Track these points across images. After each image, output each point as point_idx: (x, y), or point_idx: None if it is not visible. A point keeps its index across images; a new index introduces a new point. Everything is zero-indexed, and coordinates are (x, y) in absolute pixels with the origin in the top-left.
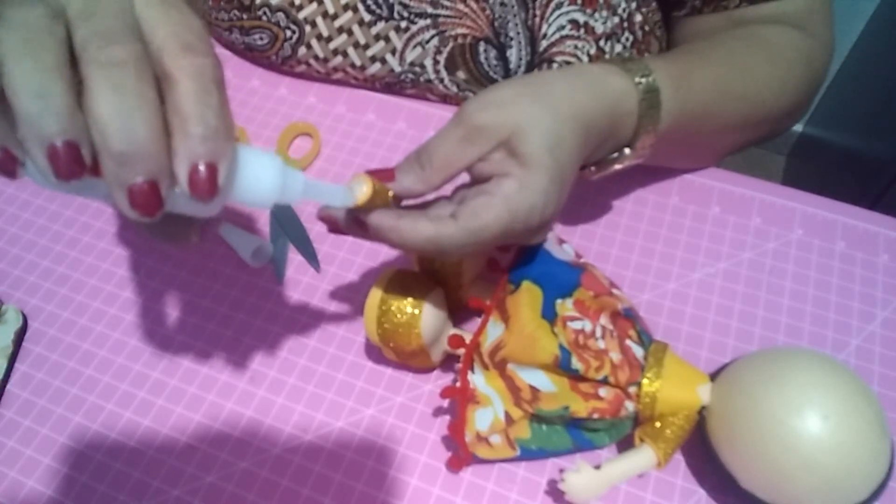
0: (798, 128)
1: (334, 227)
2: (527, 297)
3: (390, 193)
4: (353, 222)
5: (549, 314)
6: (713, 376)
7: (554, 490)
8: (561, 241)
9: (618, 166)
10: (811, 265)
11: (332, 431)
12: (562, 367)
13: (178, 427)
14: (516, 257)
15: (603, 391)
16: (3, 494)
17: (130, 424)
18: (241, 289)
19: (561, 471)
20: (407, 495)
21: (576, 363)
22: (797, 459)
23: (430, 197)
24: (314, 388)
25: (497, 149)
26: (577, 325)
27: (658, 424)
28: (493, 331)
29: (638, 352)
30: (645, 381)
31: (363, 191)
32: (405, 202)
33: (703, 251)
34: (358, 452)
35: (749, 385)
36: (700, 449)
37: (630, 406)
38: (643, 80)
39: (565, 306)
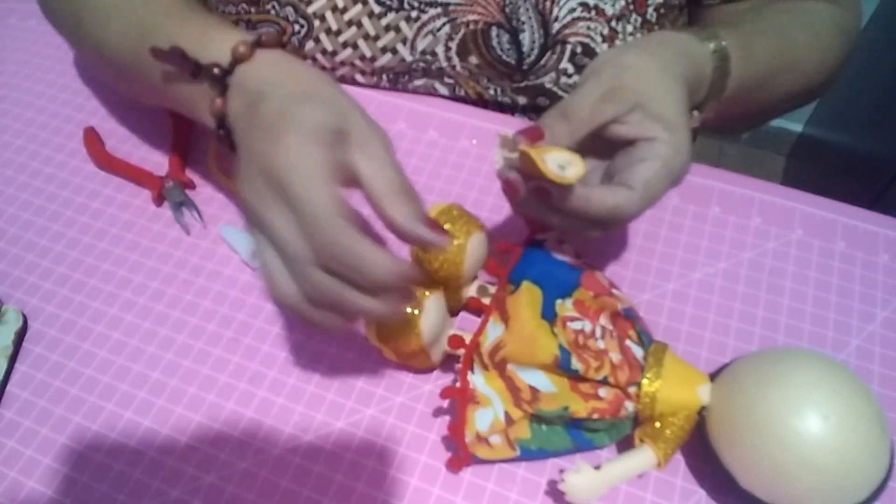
0: (798, 128)
1: (513, 191)
2: (527, 298)
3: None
4: (536, 188)
5: (549, 314)
6: (713, 376)
7: (554, 490)
8: (561, 242)
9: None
10: (811, 265)
11: (332, 431)
12: (561, 367)
13: (178, 427)
14: (516, 258)
15: (603, 391)
16: (3, 494)
17: (130, 425)
18: (241, 289)
19: (561, 471)
20: (407, 495)
21: (575, 363)
22: (797, 459)
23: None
24: (314, 388)
25: (633, 110)
26: (576, 325)
27: (658, 425)
28: (493, 331)
29: (638, 352)
30: (645, 381)
31: (577, 171)
32: None
33: (703, 251)
34: (358, 452)
35: (749, 385)
36: (700, 449)
37: (630, 406)
38: (717, 48)
39: (565, 306)
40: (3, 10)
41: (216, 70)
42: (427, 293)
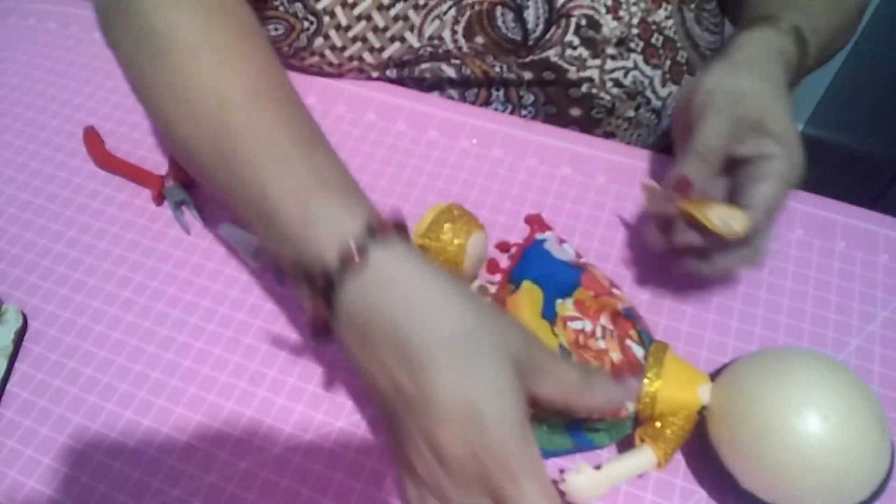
0: (798, 128)
1: (663, 227)
2: (527, 298)
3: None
4: (689, 227)
5: (550, 314)
6: (713, 376)
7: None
8: (561, 241)
9: None
10: (811, 265)
11: (332, 431)
12: None
13: (178, 427)
14: (516, 257)
15: None
16: (3, 494)
17: (130, 424)
18: (241, 289)
19: (561, 471)
20: None
21: (574, 360)
22: (797, 459)
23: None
24: (314, 387)
25: (751, 130)
26: (577, 325)
27: (658, 424)
28: None
29: (638, 352)
30: (645, 381)
31: (743, 224)
32: None
33: None
34: (358, 452)
35: (749, 385)
36: (700, 449)
37: (630, 406)
38: (797, 36)
39: (565, 306)
40: (2, 9)
41: (320, 281)
42: None
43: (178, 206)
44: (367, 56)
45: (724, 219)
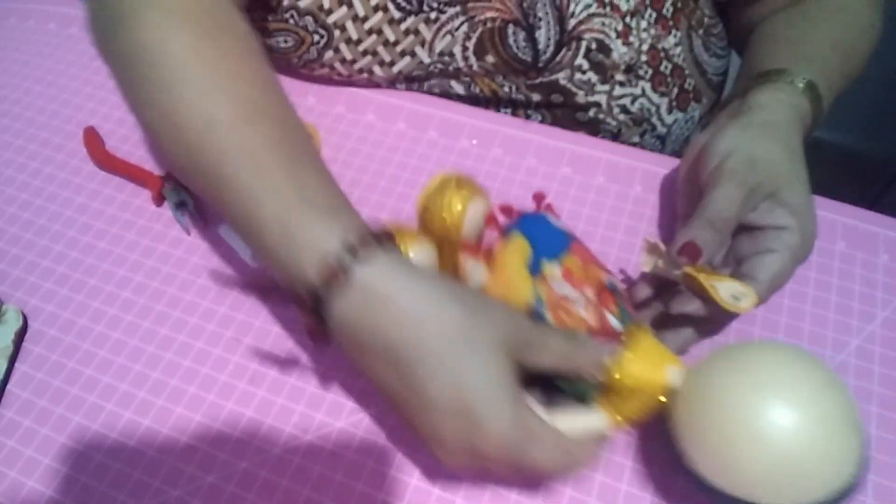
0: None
1: (656, 287)
2: (515, 247)
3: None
4: (692, 293)
5: (535, 270)
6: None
7: (554, 490)
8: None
9: None
10: (811, 265)
11: (332, 431)
12: (534, 317)
13: (178, 427)
14: (515, 217)
15: None
16: (3, 494)
17: (130, 424)
18: (241, 289)
19: None
20: (407, 495)
21: (549, 317)
22: (758, 447)
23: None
24: (314, 388)
25: (764, 199)
26: (561, 289)
27: (621, 396)
28: (477, 275)
29: (616, 325)
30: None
31: (751, 302)
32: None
33: None
34: (358, 452)
35: (717, 372)
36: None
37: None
38: (813, 94)
39: (553, 270)
40: (2, 10)
41: (308, 299)
42: (414, 245)
43: (178, 206)
44: (377, 69)
45: (732, 294)
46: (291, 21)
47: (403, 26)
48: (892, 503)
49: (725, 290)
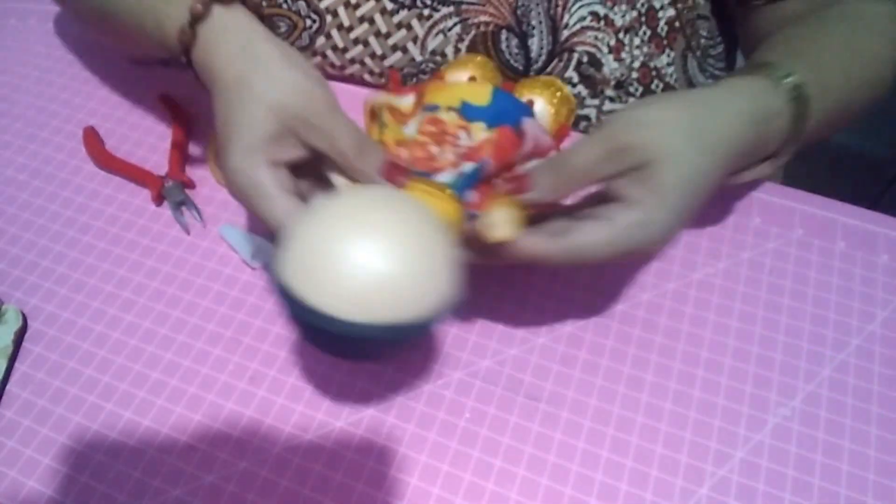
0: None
1: None
2: (483, 80)
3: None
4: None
5: (468, 111)
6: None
7: (554, 490)
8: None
9: (756, 176)
10: (811, 265)
11: (332, 431)
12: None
13: (178, 427)
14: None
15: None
16: (3, 494)
17: (130, 424)
18: (241, 289)
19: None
20: (407, 495)
21: (419, 123)
22: (350, 267)
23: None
24: (314, 387)
25: (634, 168)
26: (458, 135)
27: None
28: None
29: (442, 178)
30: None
31: (511, 228)
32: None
33: (703, 251)
34: (358, 452)
35: (322, 208)
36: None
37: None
38: (795, 93)
39: (478, 129)
40: (2, 10)
41: (181, 56)
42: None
43: (178, 206)
44: (368, 61)
45: (493, 220)
46: (285, 6)
47: (396, 19)
48: (892, 503)
49: (497, 215)
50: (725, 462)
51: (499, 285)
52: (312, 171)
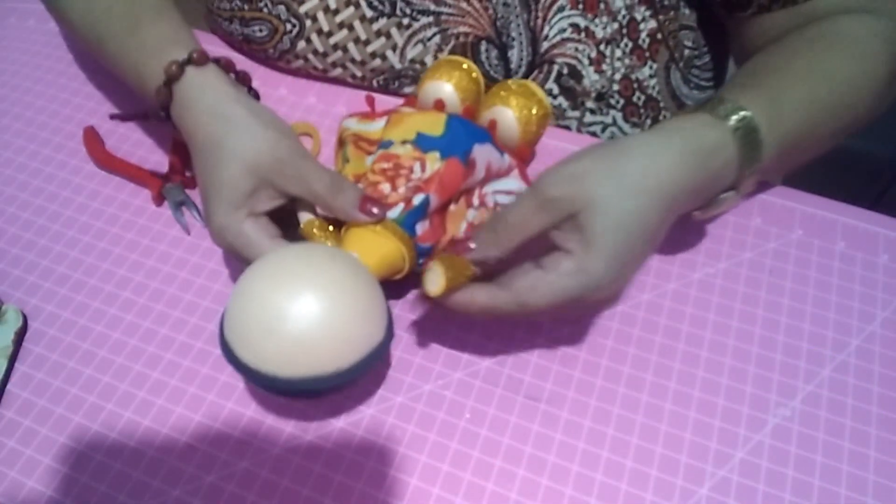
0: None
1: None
2: (436, 114)
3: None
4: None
5: (423, 142)
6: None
7: (554, 490)
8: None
9: (724, 208)
10: (811, 265)
11: (332, 431)
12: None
13: (178, 427)
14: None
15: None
16: (3, 494)
17: (130, 424)
18: None
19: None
20: (407, 495)
21: (373, 159)
22: (272, 324)
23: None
24: None
25: (568, 219)
26: (409, 166)
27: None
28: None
29: (390, 213)
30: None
31: (439, 285)
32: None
33: (703, 251)
34: (358, 452)
35: (256, 268)
36: None
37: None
38: (740, 124)
39: (433, 159)
40: (2, 9)
41: (161, 111)
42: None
43: (178, 206)
44: (350, 66)
45: (425, 277)
46: (265, 10)
47: (375, 27)
48: (892, 503)
49: (429, 273)
50: (725, 462)
51: None
52: (291, 215)
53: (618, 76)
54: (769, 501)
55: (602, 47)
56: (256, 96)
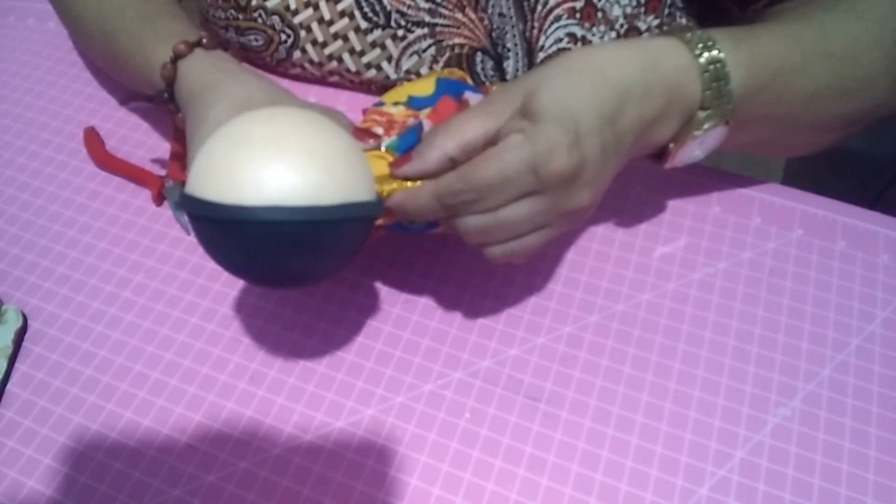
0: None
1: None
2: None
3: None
4: None
5: (414, 102)
6: None
7: (554, 490)
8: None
9: (682, 157)
10: (811, 265)
11: (332, 431)
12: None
13: (178, 427)
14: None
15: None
16: (3, 494)
17: (130, 424)
18: (242, 289)
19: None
20: (407, 495)
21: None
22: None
23: None
24: (314, 388)
25: (514, 115)
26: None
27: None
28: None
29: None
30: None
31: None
32: None
33: (703, 251)
34: (358, 452)
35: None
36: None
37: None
38: (705, 52)
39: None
40: (2, 9)
41: (165, 94)
42: None
43: (178, 206)
44: (346, 74)
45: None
46: (260, 20)
47: (370, 38)
48: (892, 503)
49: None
50: (725, 462)
51: (499, 285)
52: None
53: None
54: (769, 501)
55: None
56: None
